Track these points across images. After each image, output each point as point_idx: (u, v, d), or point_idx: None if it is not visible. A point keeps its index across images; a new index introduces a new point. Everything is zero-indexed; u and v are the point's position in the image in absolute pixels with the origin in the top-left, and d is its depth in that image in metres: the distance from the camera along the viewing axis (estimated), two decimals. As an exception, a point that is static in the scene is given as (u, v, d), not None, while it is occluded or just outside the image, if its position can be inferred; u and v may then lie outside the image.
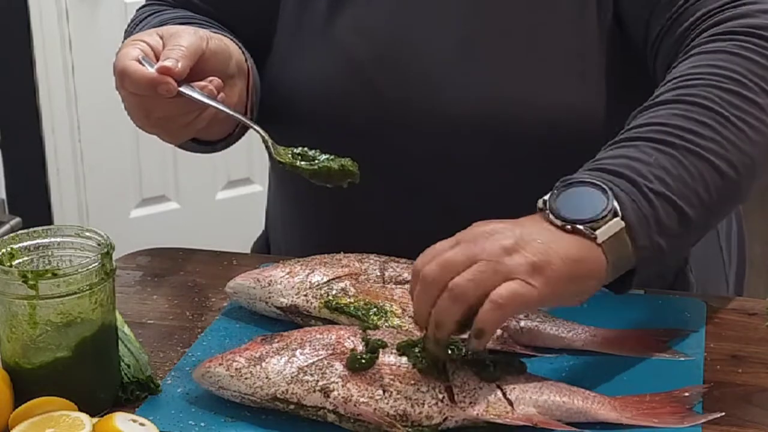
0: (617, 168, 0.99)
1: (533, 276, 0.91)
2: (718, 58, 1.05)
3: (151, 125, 1.12)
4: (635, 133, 1.02)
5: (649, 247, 0.97)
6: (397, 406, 0.92)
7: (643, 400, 0.97)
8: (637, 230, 0.96)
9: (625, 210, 0.96)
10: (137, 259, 1.29)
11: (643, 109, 1.06)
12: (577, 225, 0.95)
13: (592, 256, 0.95)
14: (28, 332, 0.95)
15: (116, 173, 2.90)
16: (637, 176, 0.98)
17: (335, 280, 1.10)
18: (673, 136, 1.00)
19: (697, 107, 1.02)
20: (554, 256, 0.92)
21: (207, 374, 0.97)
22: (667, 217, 0.97)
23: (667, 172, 0.98)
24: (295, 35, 1.26)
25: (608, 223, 0.95)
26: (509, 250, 0.92)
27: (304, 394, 0.94)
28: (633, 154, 1.00)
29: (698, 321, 1.11)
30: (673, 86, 1.05)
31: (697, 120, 1.01)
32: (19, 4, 2.68)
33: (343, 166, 1.07)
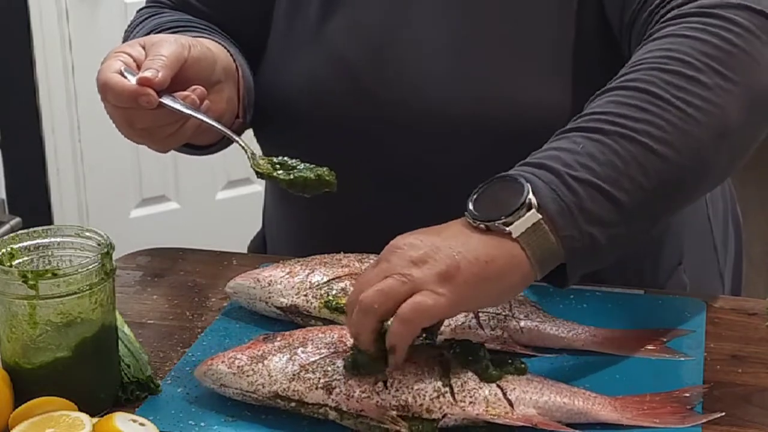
0: (541, 160, 0.97)
1: (441, 284, 0.91)
2: (667, 42, 1.02)
3: (137, 136, 1.12)
4: (571, 125, 1.00)
5: (576, 236, 0.94)
6: (399, 396, 0.92)
7: (644, 400, 0.97)
8: (558, 220, 0.94)
9: (542, 200, 0.94)
10: (137, 259, 1.29)
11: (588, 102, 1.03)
12: (490, 223, 0.94)
13: (507, 252, 0.93)
14: (28, 332, 0.95)
15: (116, 173, 2.90)
16: (560, 165, 0.95)
17: (335, 280, 1.10)
18: (604, 122, 0.97)
19: (635, 91, 0.99)
20: (463, 261, 0.92)
21: (209, 372, 0.98)
22: (594, 204, 0.94)
23: (594, 159, 0.95)
24: (287, 37, 1.26)
25: (523, 217, 0.93)
26: (417, 262, 0.92)
27: (306, 392, 0.94)
28: (562, 145, 0.98)
29: (698, 321, 1.11)
30: (619, 75, 1.02)
31: (633, 105, 0.98)
32: (19, 4, 2.68)
33: (319, 175, 1.07)
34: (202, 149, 1.25)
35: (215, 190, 3.06)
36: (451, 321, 1.05)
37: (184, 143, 1.18)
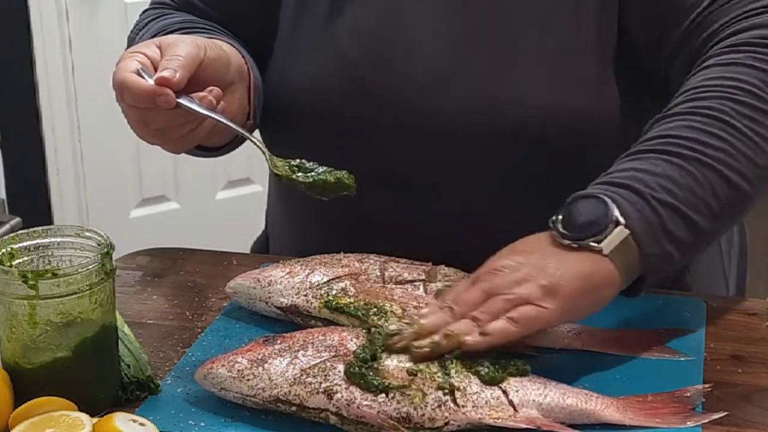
0: (623, 180, 1.02)
1: (546, 299, 0.97)
2: (733, 70, 1.07)
3: (151, 136, 1.12)
4: (646, 146, 1.05)
5: (658, 253, 1.00)
6: (399, 408, 0.92)
7: (646, 400, 0.97)
8: (643, 237, 0.99)
9: (628, 219, 0.99)
10: (137, 259, 1.29)
11: (655, 120, 1.08)
12: (582, 242, 0.99)
13: (601, 268, 0.99)
14: (28, 332, 0.95)
15: (116, 173, 2.91)
16: (642, 186, 1.01)
17: (335, 280, 1.10)
18: (683, 147, 1.03)
19: (710, 119, 1.04)
20: (563, 277, 0.97)
21: (209, 375, 0.97)
22: (674, 225, 1.00)
23: (674, 182, 1.01)
24: (294, 37, 1.26)
25: (612, 233, 0.99)
26: (520, 281, 0.98)
27: (307, 396, 0.94)
28: (641, 166, 1.03)
29: (698, 321, 1.11)
30: (687, 98, 1.07)
31: (709, 131, 1.04)
32: (19, 4, 2.68)
33: (338, 178, 1.07)
34: (212, 151, 1.25)
35: (215, 190, 3.06)
36: (451, 321, 1.05)
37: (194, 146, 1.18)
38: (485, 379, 0.94)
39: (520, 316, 0.96)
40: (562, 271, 0.98)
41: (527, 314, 0.96)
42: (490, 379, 0.94)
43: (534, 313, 0.96)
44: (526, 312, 0.96)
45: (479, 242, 1.22)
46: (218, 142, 1.22)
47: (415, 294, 1.08)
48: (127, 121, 1.14)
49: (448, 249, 1.16)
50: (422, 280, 1.10)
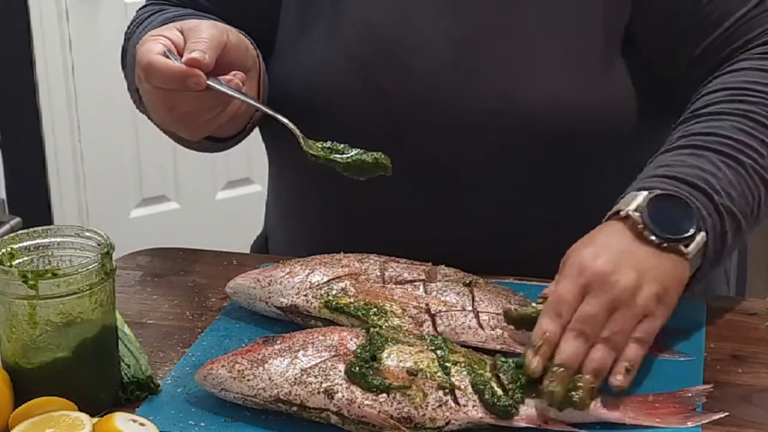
0: (692, 179, 1.03)
1: (658, 306, 0.98)
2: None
3: (175, 120, 1.10)
4: (699, 141, 1.07)
5: (714, 259, 1.04)
6: (400, 408, 0.92)
7: (646, 400, 0.97)
8: (710, 244, 1.02)
9: (706, 225, 1.02)
10: (137, 259, 1.29)
11: (699, 115, 1.10)
12: (674, 244, 1.00)
13: (685, 270, 1.02)
14: (28, 332, 0.95)
15: (116, 173, 2.90)
16: (711, 190, 1.03)
17: (335, 280, 1.10)
18: (739, 152, 1.06)
19: (758, 125, 1.07)
20: (669, 283, 1.00)
21: (209, 376, 0.97)
22: (729, 231, 1.04)
23: (733, 187, 1.04)
24: (298, 31, 1.26)
25: (696, 239, 1.01)
26: (636, 289, 0.98)
27: (308, 396, 0.94)
28: (704, 166, 1.05)
29: (698, 321, 1.11)
30: (730, 98, 1.10)
31: (758, 138, 1.07)
32: (19, 4, 2.68)
33: (375, 158, 1.07)
34: (221, 142, 1.24)
35: (215, 190, 3.06)
36: (451, 321, 1.05)
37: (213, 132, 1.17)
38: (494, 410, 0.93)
39: (645, 334, 0.97)
40: (666, 275, 0.99)
41: (649, 330, 0.97)
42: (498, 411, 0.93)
43: (653, 327, 0.98)
44: (648, 328, 0.97)
45: (481, 241, 1.23)
46: (231, 130, 1.21)
47: (415, 294, 1.08)
48: (147, 106, 1.11)
49: (449, 248, 1.16)
50: (422, 280, 1.10)
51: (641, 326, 0.97)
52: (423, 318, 1.06)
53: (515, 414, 0.93)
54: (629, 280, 0.97)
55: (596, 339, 0.96)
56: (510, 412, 0.93)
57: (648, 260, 0.99)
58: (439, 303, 1.07)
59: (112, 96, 2.66)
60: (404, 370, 0.94)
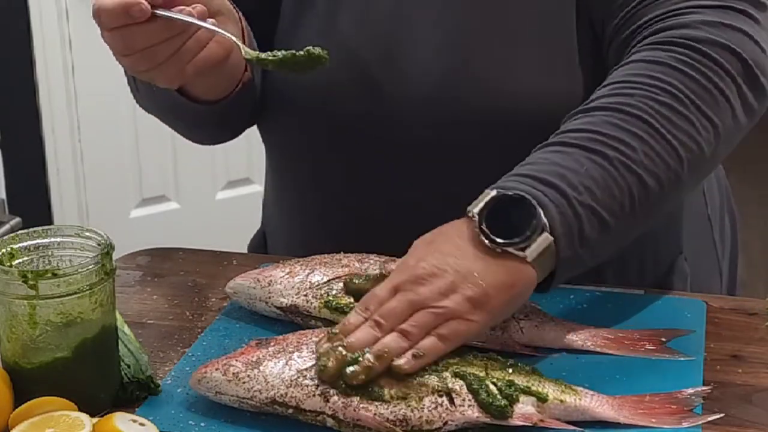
0: (548, 177, 1.00)
1: (473, 312, 0.96)
2: (656, 69, 1.07)
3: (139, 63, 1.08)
4: (568, 138, 1.05)
5: (571, 257, 1.00)
6: (396, 411, 0.92)
7: (642, 399, 0.97)
8: (562, 243, 0.99)
9: (553, 224, 0.98)
10: (137, 259, 1.29)
11: (578, 112, 1.07)
12: (507, 248, 0.98)
13: (524, 275, 0.99)
14: (28, 332, 0.95)
15: (116, 173, 2.90)
16: (567, 186, 1.00)
17: (335, 280, 1.10)
18: (605, 146, 1.03)
19: (632, 117, 1.04)
20: (491, 289, 0.97)
21: (204, 380, 0.97)
22: (590, 228, 1.00)
23: (596, 183, 1.01)
24: (296, 29, 1.26)
25: (537, 241, 0.98)
26: (446, 292, 0.96)
27: (304, 398, 0.94)
28: (565, 163, 1.02)
29: (698, 321, 1.11)
30: (609, 92, 1.07)
31: (630, 131, 1.03)
32: (19, 4, 2.68)
33: (308, 51, 1.06)
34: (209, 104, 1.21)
35: (215, 190, 3.06)
36: (451, 321, 1.05)
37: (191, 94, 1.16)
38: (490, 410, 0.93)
39: (450, 332, 0.95)
40: (488, 281, 0.97)
41: (456, 330, 0.96)
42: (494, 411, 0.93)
43: (463, 328, 0.96)
44: (455, 328, 0.95)
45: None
46: (213, 90, 1.19)
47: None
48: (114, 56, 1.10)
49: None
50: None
51: (447, 324, 0.95)
52: (423, 318, 1.06)
53: (511, 413, 0.93)
54: (442, 283, 0.96)
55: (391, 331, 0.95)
56: (505, 411, 0.93)
57: (475, 264, 0.97)
58: (438, 303, 1.07)
59: (112, 96, 2.66)
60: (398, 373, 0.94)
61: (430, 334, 0.95)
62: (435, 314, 0.95)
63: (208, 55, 1.09)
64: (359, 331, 0.96)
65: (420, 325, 0.95)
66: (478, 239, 0.98)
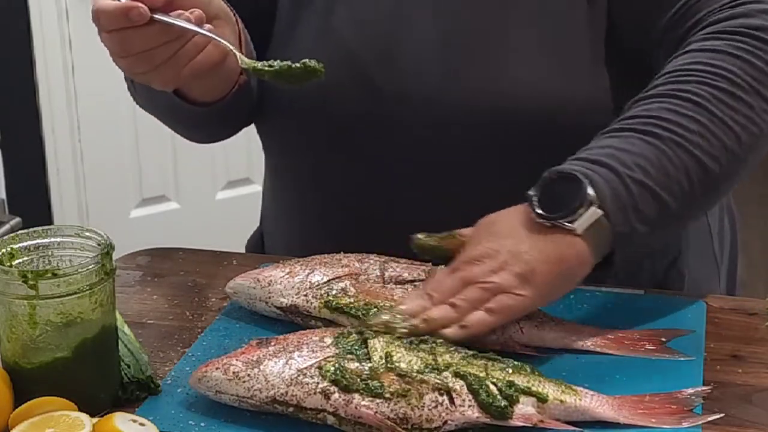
0: (600, 157, 1.03)
1: (521, 287, 0.98)
2: (713, 57, 1.09)
3: (136, 65, 1.09)
4: (625, 124, 1.07)
5: (627, 233, 1.01)
6: (397, 409, 0.92)
7: (642, 399, 0.97)
8: (614, 216, 1.00)
9: (603, 198, 1.00)
10: (137, 259, 1.29)
11: (636, 100, 1.09)
12: (555, 221, 1.00)
13: (574, 247, 1.00)
14: (28, 332, 0.95)
15: (116, 173, 2.90)
16: (618, 164, 1.02)
17: (335, 280, 1.10)
18: (660, 128, 1.04)
19: (688, 102, 1.06)
20: (538, 263, 0.99)
21: (204, 379, 0.97)
22: (645, 205, 1.02)
23: (650, 162, 1.03)
24: (293, 29, 1.26)
25: (586, 213, 1.00)
26: (496, 270, 0.99)
27: (304, 396, 0.94)
28: (618, 144, 1.04)
29: (698, 321, 1.11)
30: (666, 80, 1.09)
31: (686, 114, 1.05)
32: (19, 4, 2.68)
33: (304, 63, 1.07)
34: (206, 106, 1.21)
35: (215, 190, 3.06)
36: (451, 321, 1.05)
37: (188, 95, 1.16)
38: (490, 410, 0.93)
39: (497, 305, 0.98)
40: (536, 256, 0.99)
41: (504, 303, 0.98)
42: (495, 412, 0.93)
43: (511, 302, 0.98)
44: (503, 301, 0.98)
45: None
46: (210, 92, 1.20)
47: (415, 294, 1.08)
48: (111, 58, 1.10)
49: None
50: (422, 280, 1.10)
51: (497, 298, 0.98)
52: (423, 318, 1.06)
53: (511, 414, 0.93)
54: (494, 262, 0.99)
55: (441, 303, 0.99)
56: (505, 412, 0.93)
57: (526, 242, 1.00)
58: (438, 303, 1.07)
59: (112, 96, 2.66)
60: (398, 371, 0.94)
61: (479, 309, 0.98)
62: (483, 289, 0.98)
63: (204, 59, 1.10)
64: (410, 300, 1.00)
65: (468, 299, 0.98)
66: (532, 219, 1.01)
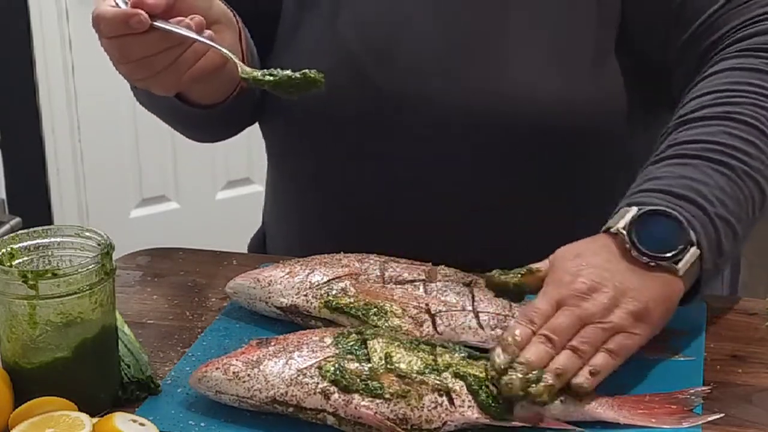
0: (683, 191, 1.02)
1: (636, 326, 0.98)
2: (754, 76, 1.09)
3: (136, 71, 1.09)
4: (689, 150, 1.06)
5: (712, 269, 1.03)
6: (397, 410, 0.92)
7: (642, 399, 0.97)
8: (707, 256, 1.01)
9: (699, 238, 1.01)
10: (137, 259, 1.29)
11: (684, 122, 1.08)
12: (662, 262, 1.00)
13: (676, 287, 1.01)
14: (28, 332, 0.95)
15: (116, 173, 2.91)
16: (703, 200, 1.02)
17: (335, 280, 1.10)
18: (728, 156, 1.05)
19: (745, 125, 1.06)
20: (650, 302, 0.99)
21: (204, 379, 0.97)
22: (726, 239, 1.03)
23: (727, 195, 1.03)
24: (295, 30, 1.26)
25: (686, 255, 1.00)
26: (611, 308, 0.98)
27: (304, 397, 0.94)
28: (693, 175, 1.04)
29: (698, 321, 1.11)
30: (716, 101, 1.08)
31: (747, 139, 1.05)
32: (19, 4, 2.68)
33: (305, 74, 1.06)
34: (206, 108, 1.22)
35: (215, 190, 3.06)
36: (451, 321, 1.05)
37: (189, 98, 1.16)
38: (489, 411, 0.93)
39: (617, 347, 0.97)
40: (647, 294, 0.99)
41: (624, 345, 0.97)
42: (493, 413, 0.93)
43: (629, 342, 0.97)
44: (622, 343, 0.97)
45: (481, 240, 1.23)
46: (211, 95, 1.20)
47: (415, 294, 1.08)
48: (112, 63, 1.10)
49: (449, 248, 1.16)
50: (422, 280, 1.10)
51: (614, 338, 0.97)
52: (423, 318, 1.06)
53: (510, 414, 0.93)
54: (605, 298, 0.97)
55: (563, 347, 0.96)
56: (505, 412, 0.93)
57: (632, 279, 0.99)
58: (439, 303, 1.07)
59: (112, 96, 2.67)
60: (398, 372, 0.94)
61: (600, 350, 0.96)
62: (603, 329, 0.97)
63: (205, 65, 1.10)
64: (533, 346, 0.96)
65: (591, 342, 0.96)
66: (628, 254, 1.00)
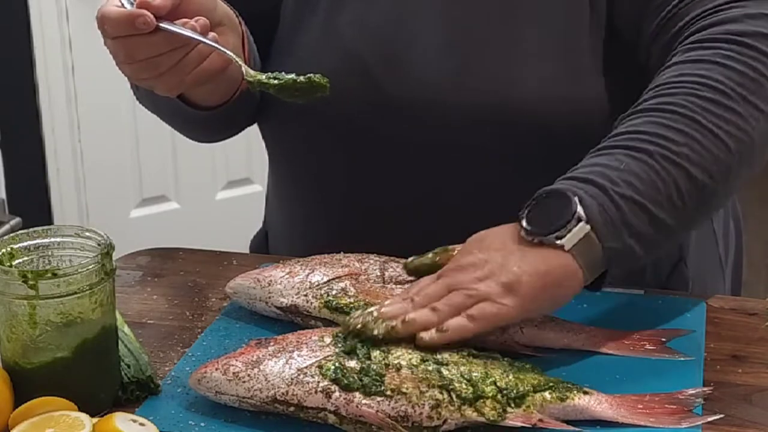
0: (587, 175, 1.02)
1: (505, 296, 0.98)
2: (700, 67, 1.07)
3: (141, 72, 1.09)
4: (613, 142, 1.06)
5: (619, 248, 1.01)
6: (398, 407, 0.92)
7: (642, 399, 0.97)
8: (604, 232, 1.00)
9: (590, 214, 1.00)
10: (137, 259, 1.29)
11: (625, 116, 1.08)
12: (543, 237, 1.00)
13: (562, 263, 1.00)
14: (28, 332, 0.95)
15: (116, 173, 2.90)
16: (605, 181, 1.01)
17: (335, 280, 1.10)
18: (647, 143, 1.03)
19: (675, 115, 1.05)
20: (524, 276, 0.99)
21: (203, 379, 0.97)
22: (636, 220, 1.01)
23: (638, 177, 1.02)
24: (296, 31, 1.26)
25: (573, 230, 0.99)
26: (481, 278, 0.99)
27: (305, 396, 0.94)
28: (607, 162, 1.03)
29: (698, 321, 1.11)
30: (653, 95, 1.08)
31: (673, 127, 1.04)
32: (19, 4, 2.68)
33: (310, 78, 1.07)
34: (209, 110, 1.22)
35: (215, 190, 3.06)
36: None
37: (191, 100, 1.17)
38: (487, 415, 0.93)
39: (478, 312, 0.97)
40: (523, 268, 0.99)
41: (486, 311, 0.97)
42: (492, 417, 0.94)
43: (493, 310, 0.98)
44: (484, 309, 0.98)
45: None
46: (213, 97, 1.20)
47: (415, 294, 1.08)
48: (116, 64, 1.11)
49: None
50: (422, 280, 1.10)
51: (478, 305, 0.98)
52: (423, 318, 1.06)
53: (511, 413, 0.93)
54: (480, 272, 0.99)
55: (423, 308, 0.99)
56: (505, 411, 0.93)
57: (514, 256, 1.00)
58: (438, 303, 1.07)
59: (112, 96, 2.66)
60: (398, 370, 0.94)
61: (461, 314, 0.97)
62: (466, 295, 0.98)
63: (208, 66, 1.10)
64: (393, 302, 1.00)
65: (450, 304, 0.98)
66: (521, 234, 1.01)
